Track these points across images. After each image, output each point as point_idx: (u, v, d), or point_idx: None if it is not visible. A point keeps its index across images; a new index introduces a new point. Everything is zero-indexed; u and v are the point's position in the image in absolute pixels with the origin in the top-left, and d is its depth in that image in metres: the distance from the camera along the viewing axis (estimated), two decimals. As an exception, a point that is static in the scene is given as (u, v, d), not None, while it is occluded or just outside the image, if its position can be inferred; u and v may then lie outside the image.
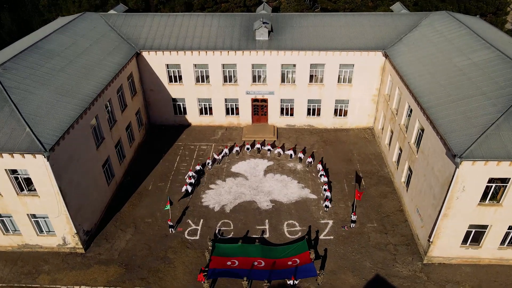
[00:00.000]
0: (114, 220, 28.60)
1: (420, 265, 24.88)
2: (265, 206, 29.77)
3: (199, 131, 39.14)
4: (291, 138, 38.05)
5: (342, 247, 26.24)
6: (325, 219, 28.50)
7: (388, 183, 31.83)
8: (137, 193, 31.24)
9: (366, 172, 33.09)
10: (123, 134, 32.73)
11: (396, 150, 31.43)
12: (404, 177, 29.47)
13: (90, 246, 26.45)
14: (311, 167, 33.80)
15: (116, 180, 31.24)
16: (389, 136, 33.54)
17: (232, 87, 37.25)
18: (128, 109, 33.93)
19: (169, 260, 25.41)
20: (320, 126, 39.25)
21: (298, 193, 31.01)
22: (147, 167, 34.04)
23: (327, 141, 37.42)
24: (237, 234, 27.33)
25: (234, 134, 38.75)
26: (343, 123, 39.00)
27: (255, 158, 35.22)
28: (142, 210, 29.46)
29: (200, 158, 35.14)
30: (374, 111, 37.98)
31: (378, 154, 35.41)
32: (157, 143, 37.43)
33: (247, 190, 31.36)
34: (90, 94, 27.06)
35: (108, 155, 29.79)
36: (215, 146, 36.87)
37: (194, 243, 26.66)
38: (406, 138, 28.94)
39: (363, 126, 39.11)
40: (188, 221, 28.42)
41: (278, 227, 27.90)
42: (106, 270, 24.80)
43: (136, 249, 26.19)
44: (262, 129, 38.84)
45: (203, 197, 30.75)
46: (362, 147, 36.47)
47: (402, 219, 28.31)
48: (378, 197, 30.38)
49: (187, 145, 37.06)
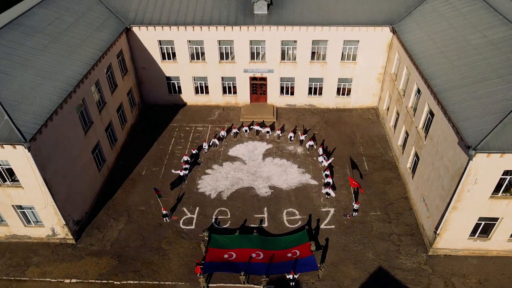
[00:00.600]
0: (106, 208, 27.40)
1: (424, 256, 23.86)
2: (264, 192, 28.50)
3: (195, 111, 37.35)
4: (291, 118, 36.32)
5: (344, 237, 25.15)
6: (326, 207, 27.30)
7: (392, 168, 30.42)
8: (130, 178, 29.90)
9: (369, 156, 31.61)
10: (114, 116, 30.98)
11: (402, 134, 29.81)
12: (410, 163, 28.01)
13: (81, 237, 25.37)
14: (312, 151, 32.30)
15: (108, 165, 29.83)
16: (395, 118, 31.80)
17: (229, 65, 35.11)
18: (119, 89, 32.01)
19: (163, 251, 24.39)
20: (322, 106, 37.41)
21: (298, 178, 29.66)
22: (140, 151, 32.54)
23: (329, 122, 35.72)
24: (234, 223, 26.20)
25: (232, 114, 36.98)
26: (346, 102, 37.14)
27: (253, 140, 33.65)
28: (135, 197, 28.21)
29: (196, 141, 33.57)
30: (379, 90, 36.03)
31: (383, 136, 33.79)
32: (151, 124, 35.75)
33: (245, 175, 30.00)
34: (75, 76, 25.12)
35: (98, 139, 28.20)
36: (212, 128, 35.22)
37: (189, 233, 25.56)
38: (413, 122, 27.24)
39: (367, 106, 37.27)
40: (184, 209, 27.23)
41: (277, 215, 26.73)
42: (98, 262, 23.82)
43: (129, 240, 25.13)
44: (261, 109, 37.03)
45: (199, 183, 29.43)
46: (365, 129, 34.81)
47: (406, 207, 27.10)
48: (382, 183, 29.05)
49: (183, 126, 35.39)
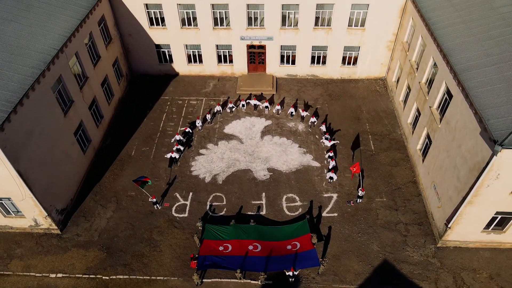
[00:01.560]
0: (93, 193, 25.60)
1: (433, 248, 22.39)
2: (262, 176, 26.58)
3: (188, 82, 34.53)
4: (292, 90, 33.59)
5: (347, 226, 23.57)
6: (329, 192, 25.50)
7: (401, 148, 28.25)
8: (119, 160, 27.85)
9: (376, 134, 29.33)
10: (98, 91, 28.31)
11: (413, 111, 27.32)
12: (420, 144, 25.80)
13: (66, 226, 23.78)
14: (314, 128, 29.97)
15: (94, 146, 27.66)
16: (405, 92, 29.13)
17: (224, 32, 31.78)
18: (103, 60, 29.03)
19: (154, 242, 22.90)
20: (326, 76, 34.51)
21: (299, 160, 27.62)
22: (129, 128, 30.21)
23: (332, 95, 33.05)
24: (230, 210, 24.53)
25: (228, 85, 34.20)
26: (351, 73, 34.20)
27: (251, 116, 31.21)
28: (125, 181, 26.32)
29: (189, 116, 31.13)
30: (388, 59, 32.97)
31: (391, 111, 31.29)
32: (140, 97, 33.10)
33: (241, 156, 27.93)
34: (49, 50, 22.24)
35: (81, 119, 25.80)
36: (206, 101, 32.64)
37: (182, 221, 23.95)
38: (427, 100, 24.67)
39: (375, 76, 34.36)
40: (176, 195, 25.44)
41: (276, 202, 25.00)
42: (85, 254, 22.39)
43: (118, 229, 23.57)
44: (259, 79, 34.17)
45: (193, 164, 27.43)
46: (372, 102, 32.22)
47: (415, 192, 25.29)
48: (389, 165, 27.05)
49: (175, 100, 32.78)
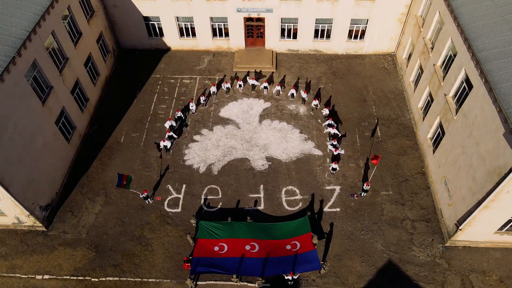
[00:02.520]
0: (80, 185, 24.03)
1: (441, 248, 21.13)
2: (260, 165, 24.87)
3: (180, 58, 31.89)
4: (294, 67, 31.04)
5: (350, 223, 22.20)
6: (331, 184, 23.90)
7: (409, 134, 26.29)
8: (107, 147, 26.02)
9: (383, 118, 27.26)
10: (81, 72, 25.89)
11: (424, 95, 25.07)
12: (431, 133, 23.83)
13: (52, 222, 22.42)
14: (316, 111, 27.84)
15: (79, 133, 25.71)
16: (417, 72, 26.68)
17: (218, 3, 28.72)
18: (85, 37, 26.33)
19: (146, 240, 21.64)
20: (330, 51, 31.78)
21: (300, 147, 25.77)
22: (118, 111, 28.08)
23: (337, 73, 30.55)
24: (226, 204, 23.07)
25: (224, 62, 31.59)
26: (358, 48, 31.44)
27: (248, 97, 28.95)
28: (114, 171, 24.64)
29: (182, 98, 28.89)
30: (399, 34, 30.11)
31: (400, 92, 28.97)
32: (129, 75, 30.63)
33: (238, 143, 26.06)
34: (19, 33, 19.71)
35: (63, 106, 23.66)
36: (201, 80, 30.22)
37: (175, 217, 22.57)
38: (441, 86, 22.38)
39: (383, 51, 31.63)
40: (168, 187, 23.88)
41: (275, 195, 23.48)
42: (73, 254, 21.21)
43: (107, 226, 22.24)
44: (258, 55, 31.50)
45: (186, 153, 25.62)
46: (380, 82, 29.80)
47: (423, 185, 23.68)
48: (396, 154, 25.24)
49: (166, 78, 30.35)
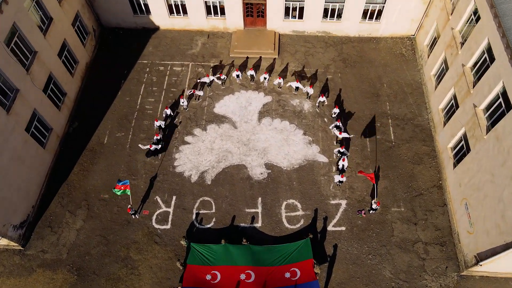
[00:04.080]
0: (59, 196, 21.80)
1: (455, 277, 19.21)
2: (258, 174, 22.40)
3: (171, 40, 28.19)
4: (298, 53, 27.39)
5: (356, 245, 20.14)
6: (337, 197, 21.56)
7: (426, 138, 23.41)
8: (89, 149, 23.44)
9: (397, 118, 24.22)
10: (55, 65, 22.62)
11: (448, 97, 21.84)
12: (453, 143, 20.98)
13: (30, 240, 20.49)
14: (323, 108, 24.77)
15: (57, 134, 23.02)
16: (440, 67, 23.19)
17: (212, -22, 24.64)
18: (57, 22, 22.69)
19: (132, 263, 19.79)
20: (340, 33, 27.89)
21: (303, 152, 23.10)
22: (100, 105, 25.11)
23: (347, 60, 26.95)
24: (221, 220, 20.95)
25: (220, 45, 27.91)
26: (373, 29, 27.51)
27: (247, 89, 25.74)
28: (96, 179, 22.30)
29: (173, 90, 25.72)
30: (421, 15, 26.06)
31: (418, 85, 25.60)
32: (113, 60, 27.17)
33: (235, 146, 23.38)
34: (-31, 31, 16.43)
35: (33, 108, 20.75)
36: (193, 67, 26.82)
37: (164, 235, 20.55)
38: (471, 94, 19.14)
39: (401, 34, 27.71)
40: (157, 199, 21.64)
41: (274, 210, 21.24)
42: (53, 277, 19.48)
43: (89, 245, 20.30)
44: (258, 38, 27.72)
45: (177, 157, 23.06)
46: (396, 71, 26.31)
47: (439, 201, 21.29)
48: (411, 162, 22.57)
49: (155, 65, 26.94)
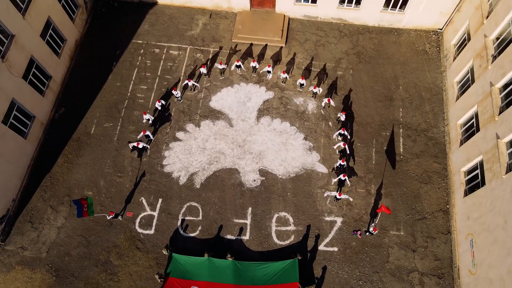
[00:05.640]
0: (42, 189, 20.84)
1: (449, 314, 18.14)
2: (251, 181, 20.89)
3: (169, 18, 25.60)
4: (308, 42, 24.63)
5: (348, 268, 18.95)
6: (332, 214, 20.07)
7: (439, 154, 21.23)
8: (74, 139, 22.08)
9: (410, 127, 21.93)
10: (37, 47, 20.64)
11: (469, 114, 19.38)
12: (468, 168, 18.88)
13: (10, 235, 19.86)
14: (328, 110, 22.57)
15: (40, 121, 21.60)
16: (466, 76, 20.44)
17: (215, -47, 21.54)
18: None
19: (112, 268, 19.12)
20: (358, 22, 24.81)
21: (301, 159, 21.33)
22: (89, 89, 23.36)
23: (362, 54, 24.16)
24: (207, 229, 19.85)
25: (222, 27, 25.25)
26: (395, 20, 24.32)
27: (247, 82, 23.51)
28: (81, 173, 21.15)
29: (167, 77, 23.67)
30: (452, 8, 22.71)
31: (438, 91, 22.91)
32: (105, 37, 24.96)
33: (228, 147, 21.69)
34: None
35: (12, 98, 19.18)
36: (191, 52, 24.49)
37: (147, 241, 19.64)
38: (495, 122, 16.71)
39: (427, 27, 24.50)
40: (142, 200, 20.51)
41: (264, 222, 19.96)
42: (31, 276, 19.02)
43: (70, 245, 19.59)
44: (265, 21, 24.90)
45: (166, 155, 21.59)
46: (415, 72, 23.54)
47: (443, 228, 19.63)
48: (418, 180, 20.65)
49: (150, 46, 24.66)
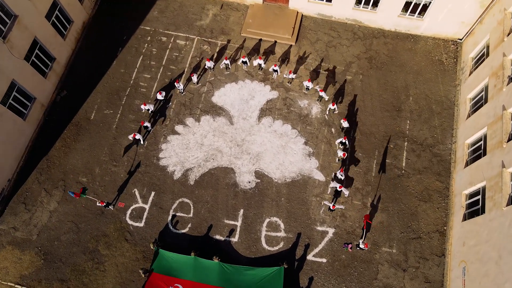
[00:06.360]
0: (38, 171, 20.92)
1: (433, 338, 17.72)
2: (246, 182, 20.53)
3: (179, 6, 24.96)
4: (320, 42, 23.74)
5: (334, 281, 18.61)
6: (325, 224, 19.64)
7: (443, 172, 20.40)
8: (74, 124, 22.00)
9: (415, 141, 21.09)
10: (41, 28, 20.37)
11: (477, 135, 18.46)
12: (470, 191, 18.09)
13: (3, 214, 20.10)
14: (332, 116, 21.85)
15: (41, 103, 21.53)
16: (480, 94, 19.41)
17: None
18: (46, -22, 20.06)
19: (99, 257, 19.21)
20: (374, 24, 23.73)
21: (299, 165, 20.81)
22: (92, 74, 23.13)
23: (374, 59, 23.19)
24: (196, 227, 19.70)
25: (232, 20, 24.52)
26: (413, 26, 23.16)
27: (252, 79, 22.89)
28: (77, 158, 21.13)
29: (172, 67, 23.23)
30: (475, 19, 21.43)
31: (449, 105, 21.89)
32: (113, 21, 24.54)
33: (227, 145, 21.30)
34: None
35: (12, 80, 19.07)
36: (198, 43, 23.90)
37: (136, 233, 19.62)
38: (503, 149, 15.79)
39: (446, 36, 23.27)
40: (135, 192, 20.41)
41: (255, 226, 19.68)
42: (20, 257, 19.27)
43: (60, 230, 19.73)
44: (277, 17, 24.05)
45: (163, 148, 21.35)
46: (428, 83, 22.51)
47: (437, 250, 19.00)
48: (417, 198, 19.96)
49: (157, 34, 24.16)
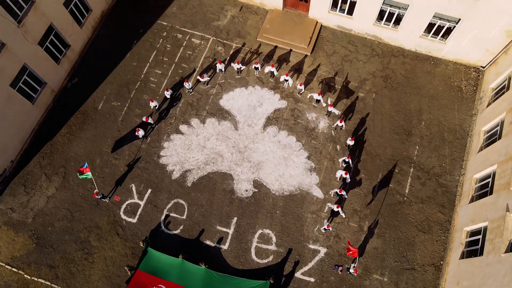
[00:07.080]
0: (41, 155, 21.18)
1: None
2: (243, 190, 20.28)
3: (198, 4, 24.77)
4: (336, 55, 23.16)
5: (319, 302, 18.27)
6: (318, 243, 19.21)
7: (447, 204, 19.65)
8: (81, 112, 22.17)
9: (422, 169, 20.35)
10: (58, 15, 20.54)
11: (486, 172, 17.65)
12: (471, 228, 17.35)
13: (3, 194, 20.47)
14: (339, 132, 21.32)
15: (51, 88, 21.76)
16: (495, 128, 18.54)
17: None
18: (68, -34, 20.17)
19: (89, 248, 19.35)
20: (394, 43, 22.99)
21: (299, 179, 20.41)
22: (105, 63, 23.24)
23: (390, 79, 22.48)
24: (188, 229, 19.60)
25: (250, 23, 24.17)
26: (435, 48, 22.31)
27: (262, 86, 22.54)
28: (80, 146, 21.30)
29: (183, 66, 23.11)
30: (500, 48, 20.45)
31: (463, 135, 21.03)
32: (131, 13, 24.59)
33: (229, 150, 21.07)
34: None
35: (23, 64, 19.29)
36: (213, 43, 23.68)
37: (128, 228, 19.68)
38: (509, 192, 15.02)
39: (468, 62, 22.33)
40: (132, 187, 20.45)
41: (246, 236, 19.43)
42: (14, 238, 19.61)
43: (55, 216, 19.96)
44: (296, 25, 23.56)
45: (165, 146, 21.29)
46: (443, 108, 21.68)
47: (430, 284, 18.33)
48: (416, 228, 19.29)
49: (174, 30, 24.07)
